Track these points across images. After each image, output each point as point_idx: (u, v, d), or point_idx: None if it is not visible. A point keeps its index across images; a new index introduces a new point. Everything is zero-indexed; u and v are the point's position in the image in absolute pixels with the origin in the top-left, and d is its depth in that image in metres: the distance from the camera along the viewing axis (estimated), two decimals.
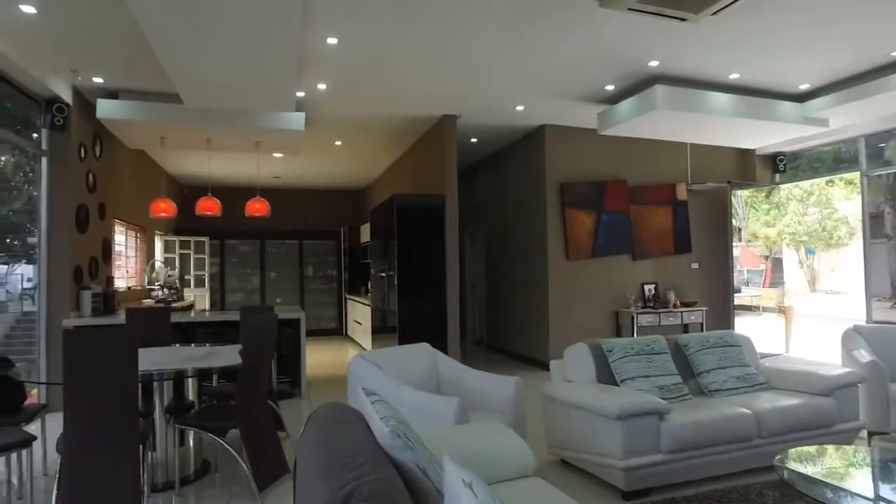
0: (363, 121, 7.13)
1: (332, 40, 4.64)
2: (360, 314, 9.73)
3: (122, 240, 7.56)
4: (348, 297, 11.10)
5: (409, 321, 6.85)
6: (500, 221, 9.01)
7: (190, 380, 3.66)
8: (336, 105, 6.39)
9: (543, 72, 5.49)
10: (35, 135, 5.58)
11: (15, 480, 3.27)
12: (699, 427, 3.21)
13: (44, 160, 5.58)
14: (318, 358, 8.65)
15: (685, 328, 7.78)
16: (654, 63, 5.22)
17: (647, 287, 7.76)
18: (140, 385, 2.92)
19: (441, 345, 6.85)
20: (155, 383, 3.41)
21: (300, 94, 5.84)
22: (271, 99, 5.49)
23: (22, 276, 5.78)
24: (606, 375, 3.72)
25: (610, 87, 5.91)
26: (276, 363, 4.97)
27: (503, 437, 2.45)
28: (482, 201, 9.53)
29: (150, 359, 3.47)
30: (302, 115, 6.15)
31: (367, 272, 10.50)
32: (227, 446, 3.23)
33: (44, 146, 5.57)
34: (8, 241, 5.92)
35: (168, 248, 10.09)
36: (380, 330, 8.11)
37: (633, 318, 7.35)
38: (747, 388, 3.81)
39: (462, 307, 7.05)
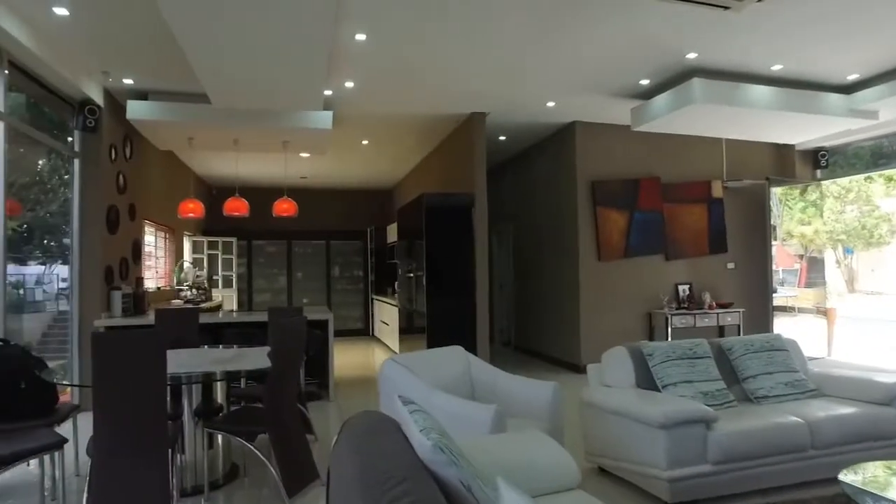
0: (390, 119, 7.05)
1: (360, 36, 4.56)
2: (387, 315, 9.67)
3: (152, 240, 7.61)
4: (375, 297, 11.05)
5: (438, 322, 6.74)
6: (528, 221, 8.85)
7: (218, 382, 3.60)
8: (363, 103, 6.32)
9: (575, 67, 5.33)
10: (70, 138, 5.63)
11: (48, 482, 3.25)
12: (748, 436, 3.03)
13: (76, 161, 5.62)
14: (345, 359, 8.59)
15: (721, 330, 7.54)
16: (692, 55, 5.02)
17: (681, 288, 7.53)
18: (168, 388, 2.87)
19: (470, 346, 6.69)
20: (183, 386, 3.36)
21: (328, 92, 5.78)
22: (299, 97, 5.44)
23: (58, 276, 5.85)
24: (647, 380, 3.56)
25: (644, 82, 5.72)
26: (304, 365, 4.91)
27: (545, 447, 2.32)
28: (510, 200, 9.39)
29: (179, 361, 3.43)
30: (329, 113, 6.09)
31: (394, 272, 10.44)
32: (257, 451, 3.16)
33: (76, 148, 5.61)
34: (45, 241, 6.00)
35: (196, 248, 10.16)
36: (407, 331, 8.03)
37: (667, 319, 7.14)
38: (797, 395, 3.61)
39: (490, 308, 6.92)
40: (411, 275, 7.58)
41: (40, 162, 5.82)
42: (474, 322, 6.78)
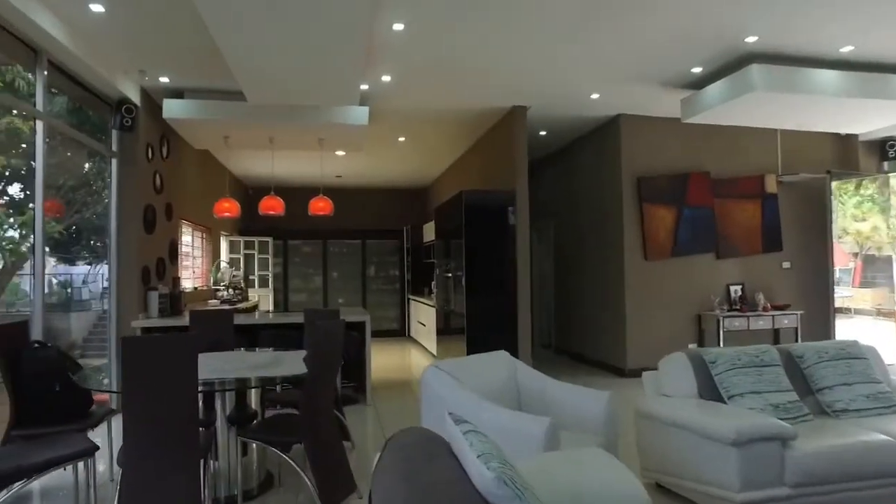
0: (428, 115, 6.85)
1: (398, 26, 4.37)
2: (423, 315, 9.48)
3: (189, 240, 7.59)
4: (411, 297, 10.89)
5: (477, 324, 6.52)
6: (569, 219, 8.55)
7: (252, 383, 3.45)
8: (400, 98, 6.14)
9: (623, 55, 5.04)
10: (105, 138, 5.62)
11: (81, 489, 3.15)
12: (833, 457, 2.72)
13: (113, 161, 5.59)
14: (381, 360, 8.44)
15: (776, 334, 7.12)
16: (751, 39, 4.66)
17: (732, 288, 7.13)
18: (201, 394, 2.72)
19: (511, 349, 6.46)
20: (216, 392, 3.22)
21: (364, 86, 5.61)
22: (335, 92, 5.28)
23: (102, 275, 5.87)
24: (710, 390, 3.27)
25: (697, 70, 5.38)
26: (340, 368, 4.75)
27: (609, 469, 2.08)
28: (550, 197, 9.09)
29: (212, 365, 3.29)
30: (366, 109, 5.93)
31: (431, 272, 10.26)
32: (292, 462, 3.00)
33: (113, 147, 5.58)
34: (92, 242, 6.03)
35: (233, 248, 10.17)
36: (445, 332, 7.83)
37: (718, 322, 6.76)
38: (881, 409, 3.26)
39: (530, 309, 6.66)
40: (449, 275, 7.38)
41: (87, 165, 5.86)
42: (515, 323, 6.54)
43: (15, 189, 5.44)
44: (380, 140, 7.83)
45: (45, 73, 4.41)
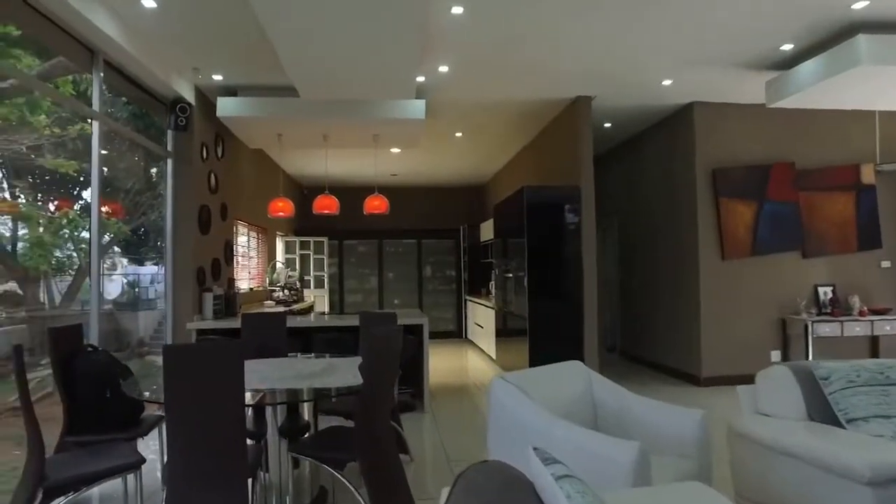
0: (486, 107, 6.53)
1: (457, 9, 4.06)
2: (481, 317, 9.17)
3: (245, 241, 7.55)
4: (468, 298, 10.58)
5: (540, 326, 6.16)
6: (635, 216, 8.04)
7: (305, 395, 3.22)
8: (457, 90, 5.85)
9: (701, 34, 4.57)
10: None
11: (131, 499, 3.01)
12: None
13: (169, 161, 5.54)
14: (437, 364, 8.18)
15: (875, 342, 6.43)
16: (858, 5, 4.10)
17: (821, 290, 6.48)
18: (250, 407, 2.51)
19: (576, 354, 6.10)
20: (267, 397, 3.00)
21: (420, 78, 5.35)
22: (391, 85, 5.05)
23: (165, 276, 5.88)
24: (820, 411, 2.82)
25: (787, 47, 4.83)
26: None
27: None
28: (614, 193, 8.59)
29: (262, 373, 3.08)
30: (422, 102, 5.67)
31: (489, 272, 9.93)
32: (346, 481, 2.75)
33: (168, 147, 5.54)
34: (158, 243, 6.07)
35: (288, 248, 10.14)
36: (505, 334, 7.49)
37: (806, 327, 6.14)
38: None
39: (582, 308, 6.24)
40: (510, 275, 7.04)
41: (153, 170, 5.91)
42: (579, 326, 6.14)
43: (89, 193, 5.60)
44: (436, 136, 7.57)
45: (102, 73, 4.36)
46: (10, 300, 4.40)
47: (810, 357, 6.08)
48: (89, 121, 4.38)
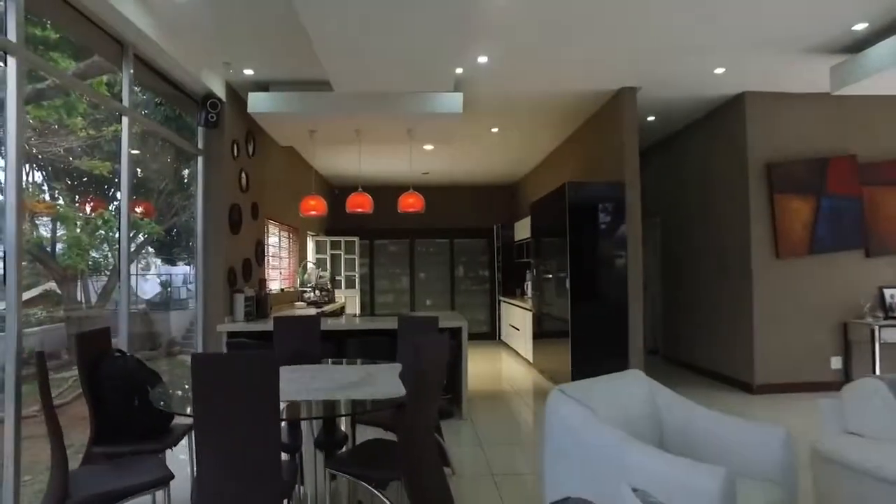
0: (525, 101, 6.25)
1: None
2: (517, 318, 8.88)
3: (276, 241, 7.41)
4: (502, 299, 10.30)
5: (583, 329, 5.86)
6: (679, 213, 7.67)
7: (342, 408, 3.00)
8: (496, 82, 5.59)
9: (762, 16, 4.23)
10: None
11: None
12: None
13: (199, 159, 5.41)
14: (472, 366, 7.91)
15: None
16: None
17: (888, 292, 6.03)
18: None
19: (621, 358, 5.80)
20: (302, 409, 2.79)
21: (458, 70, 5.10)
22: (429, 75, 4.82)
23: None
24: None
25: (860, 27, 4.44)
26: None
27: None
28: (656, 191, 8.21)
29: (297, 382, 2.86)
30: (460, 95, 5.43)
31: (523, 272, 9.64)
32: (387, 500, 2.51)
33: (199, 145, 5.40)
34: (190, 244, 6.01)
35: (320, 248, 10.00)
36: (542, 336, 7.20)
37: (872, 332, 5.71)
38: None
39: (627, 311, 5.92)
40: (549, 275, 6.74)
41: (186, 171, 5.84)
42: (623, 330, 5.82)
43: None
44: (471, 132, 7.32)
45: (132, 68, 4.22)
46: (50, 300, 4.40)
47: (877, 366, 5.65)
48: (119, 116, 4.24)
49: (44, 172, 4.55)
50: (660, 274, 8.30)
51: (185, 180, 5.90)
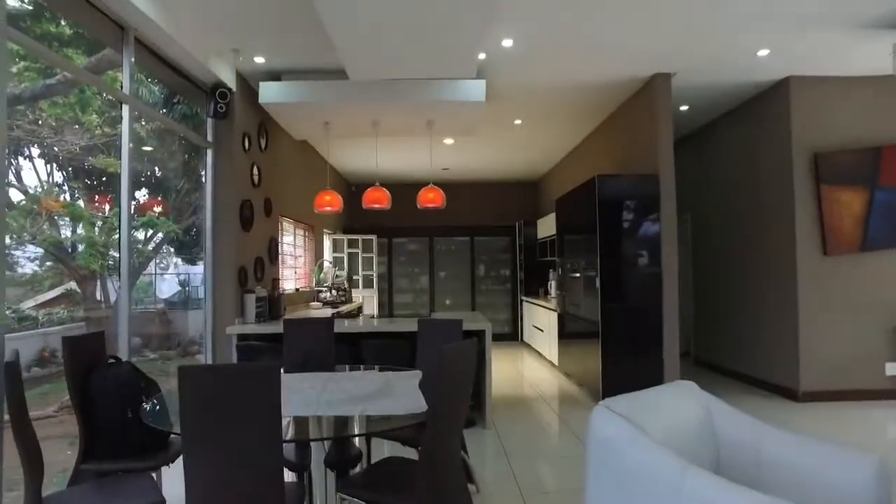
0: (551, 89, 5.87)
1: None
2: (541, 319, 8.50)
3: (290, 239, 7.14)
4: (525, 299, 9.93)
5: (614, 331, 5.49)
6: (712, 208, 7.25)
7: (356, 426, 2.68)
8: (521, 70, 5.24)
9: None
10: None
11: None
12: None
13: (208, 152, 5.14)
14: (495, 371, 7.58)
15: None
16: None
17: None
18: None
19: (655, 362, 5.43)
20: (311, 425, 2.48)
21: (482, 55, 4.76)
22: (451, 60, 4.49)
23: None
24: None
25: None
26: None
27: None
28: (687, 185, 7.76)
29: (305, 394, 2.54)
30: (483, 82, 5.09)
31: (546, 271, 9.27)
32: None
33: (208, 137, 5.14)
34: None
35: (336, 246, 9.72)
36: (568, 338, 6.83)
37: None
38: None
39: (661, 312, 5.53)
40: (577, 274, 6.36)
41: (203, 172, 5.66)
42: (658, 332, 5.44)
43: (141, 193, 5.43)
44: (493, 124, 6.97)
45: (133, 54, 3.95)
46: (70, 299, 4.35)
47: None
48: (124, 107, 3.98)
49: (63, 172, 4.40)
50: (691, 273, 7.87)
51: (203, 180, 5.74)
